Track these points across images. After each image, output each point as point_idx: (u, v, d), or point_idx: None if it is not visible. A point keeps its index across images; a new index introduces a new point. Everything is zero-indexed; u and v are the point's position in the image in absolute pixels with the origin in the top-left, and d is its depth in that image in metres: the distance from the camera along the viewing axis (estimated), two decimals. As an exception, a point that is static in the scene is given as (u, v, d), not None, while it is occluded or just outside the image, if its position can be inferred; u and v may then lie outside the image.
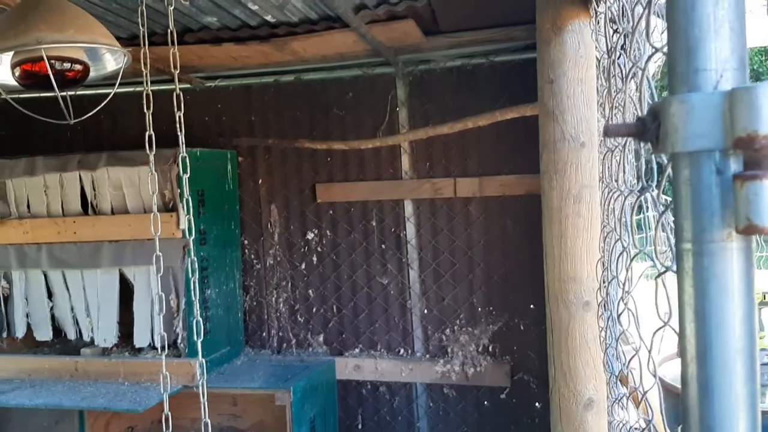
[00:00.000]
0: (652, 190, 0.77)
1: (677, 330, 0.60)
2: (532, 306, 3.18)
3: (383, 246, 3.42)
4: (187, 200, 1.87)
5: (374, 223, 3.42)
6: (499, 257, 3.26)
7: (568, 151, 1.78)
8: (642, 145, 0.65)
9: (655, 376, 0.91)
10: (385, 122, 3.33)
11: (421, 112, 3.29)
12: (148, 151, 1.85)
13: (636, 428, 1.27)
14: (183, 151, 1.78)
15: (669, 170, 0.59)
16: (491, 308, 3.29)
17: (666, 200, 0.67)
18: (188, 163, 1.99)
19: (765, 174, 0.49)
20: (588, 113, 1.79)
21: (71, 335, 3.28)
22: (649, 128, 0.57)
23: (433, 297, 3.38)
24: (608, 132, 0.59)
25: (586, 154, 1.78)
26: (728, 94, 0.51)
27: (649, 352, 0.87)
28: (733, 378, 0.57)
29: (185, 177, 1.82)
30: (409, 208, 3.38)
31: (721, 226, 0.54)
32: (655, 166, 0.80)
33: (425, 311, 3.39)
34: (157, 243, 1.81)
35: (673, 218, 0.59)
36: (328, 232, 3.47)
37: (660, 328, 0.82)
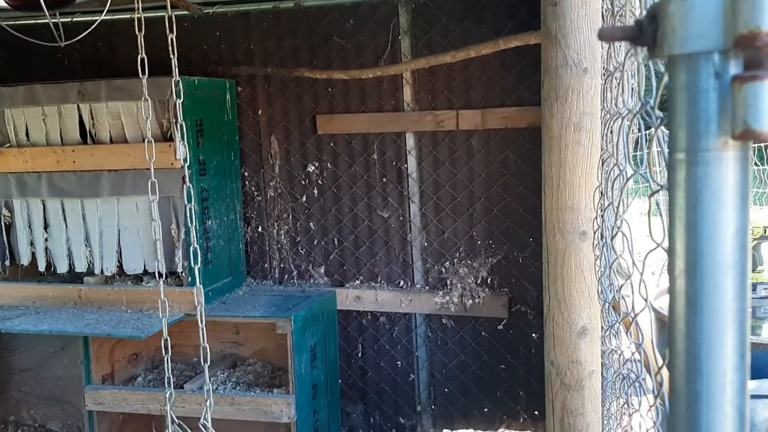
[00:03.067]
0: (650, 107, 0.74)
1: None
2: (531, 239, 3.18)
3: (384, 179, 3.40)
4: (181, 126, 1.84)
5: (375, 156, 3.38)
6: (499, 191, 3.24)
7: (570, 77, 1.73)
8: (641, 60, 0.62)
9: (645, 299, 0.91)
10: (386, 52, 3.25)
11: (424, 42, 3.21)
12: (141, 76, 1.80)
13: (628, 358, 1.28)
14: (176, 74, 1.74)
15: (666, 78, 0.56)
16: (491, 241, 3.29)
17: (662, 115, 0.64)
18: (183, 89, 1.95)
19: (766, 74, 0.46)
20: (592, 37, 1.73)
21: (63, 268, 3.29)
22: (646, 31, 0.54)
23: (434, 230, 3.38)
24: (602, 36, 0.56)
25: (588, 81, 1.73)
26: (732, -9, 0.48)
27: (641, 274, 0.86)
28: (722, 293, 0.55)
29: (179, 102, 1.79)
30: (410, 141, 3.34)
31: (717, 134, 0.51)
32: (654, 83, 0.77)
33: (425, 244, 3.40)
34: (152, 169, 1.79)
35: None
36: (329, 164, 3.45)
37: (652, 249, 0.80)
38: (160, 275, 2.00)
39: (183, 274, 3.10)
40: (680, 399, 0.57)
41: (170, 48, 1.87)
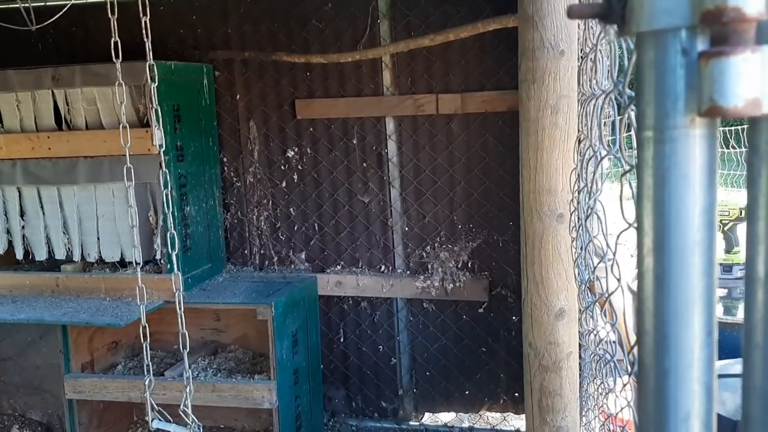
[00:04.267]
0: (622, 86, 0.74)
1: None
2: (510, 223, 3.19)
3: (364, 164, 3.39)
4: (157, 111, 1.81)
5: (355, 141, 3.37)
6: (479, 175, 3.25)
7: (547, 59, 1.73)
8: (612, 37, 0.61)
9: (618, 279, 0.91)
10: (365, 35, 3.23)
11: (403, 25, 3.20)
12: (114, 59, 1.77)
13: (603, 338, 1.29)
14: (150, 58, 1.71)
15: (635, 57, 0.56)
16: (471, 225, 3.30)
17: (633, 94, 0.64)
18: (159, 74, 1.92)
19: (732, 50, 0.46)
20: (568, 19, 1.72)
21: (41, 256, 3.26)
22: (615, 9, 0.53)
23: (414, 215, 3.38)
24: (572, 13, 0.56)
25: (565, 63, 1.73)
26: (698, -34, 0.48)
27: (614, 254, 0.86)
28: (690, 270, 0.55)
29: (154, 86, 1.76)
30: (390, 125, 3.33)
31: (684, 111, 0.51)
32: (626, 62, 0.77)
33: (406, 229, 3.40)
34: (127, 154, 1.77)
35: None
36: (308, 149, 3.43)
37: (624, 229, 0.80)
38: (137, 262, 1.98)
39: (162, 261, 3.08)
40: (649, 376, 0.58)
41: (144, 31, 1.84)
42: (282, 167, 3.47)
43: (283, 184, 3.48)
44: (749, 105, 0.47)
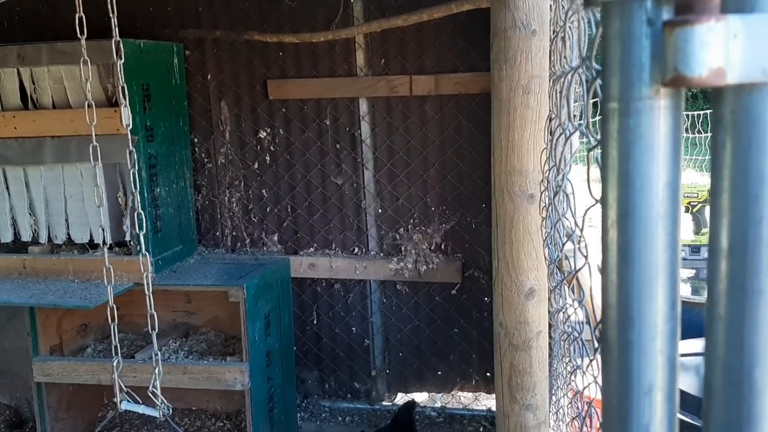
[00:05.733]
0: (589, 61, 0.74)
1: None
2: (483, 205, 3.20)
3: (338, 146, 3.36)
4: (123, 88, 1.77)
5: (328, 122, 3.34)
6: (453, 157, 3.24)
7: (519, 39, 1.73)
8: (579, 5, 0.61)
9: (585, 257, 0.92)
10: (339, 15, 3.19)
11: (377, 5, 3.16)
12: (79, 35, 1.73)
13: (570, 315, 1.30)
14: (116, 34, 1.67)
15: (601, 28, 0.55)
16: (444, 207, 3.30)
17: (599, 68, 0.63)
18: (127, 52, 1.88)
19: (697, 19, 0.45)
20: (540, -1, 1.72)
21: (7, 237, 3.19)
22: (582, -22, 0.53)
23: (388, 197, 3.37)
24: (539, -18, 0.55)
25: (537, 43, 1.73)
26: (664, -66, 0.47)
27: (581, 231, 0.86)
28: (654, 243, 0.55)
29: (120, 63, 1.72)
30: (363, 106, 3.31)
31: (649, 82, 0.51)
32: (597, 39, 0.77)
33: (380, 211, 3.39)
34: (93, 133, 1.73)
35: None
36: (281, 130, 3.40)
37: (591, 206, 0.80)
38: (105, 242, 1.95)
39: (131, 243, 3.04)
40: (612, 349, 0.58)
41: (110, 7, 1.80)
42: (254, 148, 3.43)
43: (255, 166, 3.45)
44: (713, 75, 0.47)
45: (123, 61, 1.78)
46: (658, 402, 0.58)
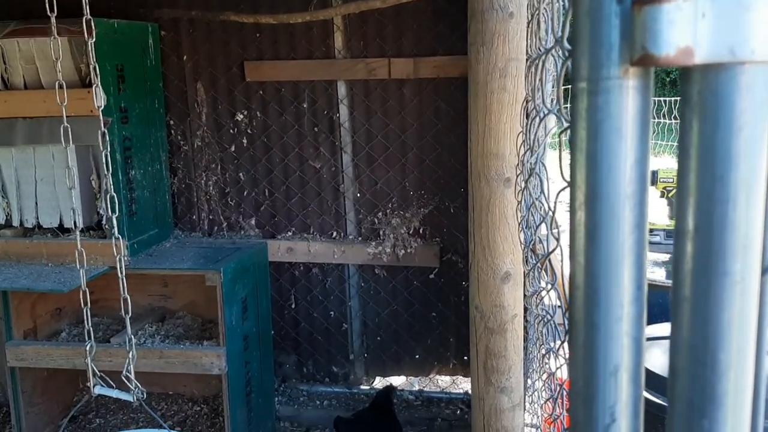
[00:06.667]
0: (563, 42, 0.73)
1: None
2: (462, 189, 3.20)
3: (316, 129, 3.34)
4: (95, 68, 1.74)
5: (306, 105, 3.32)
6: (431, 141, 3.24)
7: (496, 21, 1.72)
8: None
9: (558, 239, 0.92)
10: (317, -4, 3.16)
11: (356, -13, 3.13)
12: (49, 13, 1.69)
13: (543, 298, 1.31)
14: (87, 11, 1.63)
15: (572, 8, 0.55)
16: (423, 192, 3.30)
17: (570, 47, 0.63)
18: (99, 31, 1.84)
19: (664, -3, 0.45)
20: (517, -20, 1.71)
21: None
22: (552, -45, 0.52)
23: (366, 181, 3.36)
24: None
25: (514, 25, 1.72)
26: None
27: (553, 213, 0.86)
28: (621, 224, 0.55)
29: (91, 41, 1.69)
30: (342, 89, 3.28)
31: (618, 61, 0.50)
32: (569, 19, 0.76)
33: (358, 195, 3.38)
34: (64, 113, 1.70)
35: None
36: (258, 113, 3.36)
37: (563, 188, 0.80)
38: (77, 225, 1.92)
39: (106, 226, 3.00)
40: (579, 331, 0.58)
41: (80, -16, 1.76)
42: (231, 131, 3.40)
43: (232, 149, 3.42)
44: (681, 54, 0.46)
45: (94, 40, 1.74)
46: (624, 383, 0.58)
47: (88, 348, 1.88)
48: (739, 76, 0.46)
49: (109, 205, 1.84)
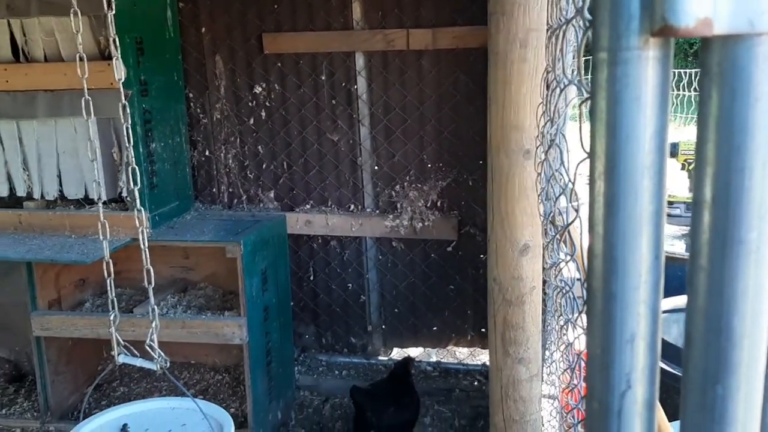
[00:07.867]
0: (584, 12, 0.73)
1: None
2: (480, 161, 3.19)
3: (333, 101, 3.34)
4: (115, 40, 1.75)
5: (324, 77, 3.31)
6: (450, 113, 3.22)
7: (516, -10, 1.70)
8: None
9: (577, 210, 0.92)
10: (334, -33, 3.13)
11: (374, -43, 3.10)
12: (69, -14, 1.70)
13: (562, 269, 1.31)
14: (106, -16, 1.64)
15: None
16: (441, 164, 3.29)
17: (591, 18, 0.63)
18: (118, 4, 1.85)
19: (685, -34, 0.45)
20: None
21: (2, 192, 3.19)
22: (573, -76, 0.52)
23: (384, 153, 3.36)
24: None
25: (534, -5, 1.70)
26: None
27: (573, 185, 0.86)
28: (639, 194, 0.56)
29: (111, 14, 1.70)
30: (360, 61, 3.27)
31: (638, 32, 0.51)
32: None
33: (375, 168, 3.39)
34: (85, 86, 1.72)
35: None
36: (276, 86, 3.36)
37: (583, 159, 0.80)
38: (99, 197, 1.95)
39: (127, 199, 3.04)
40: (597, 299, 0.58)
41: (100, -44, 1.76)
42: (249, 104, 3.41)
43: (251, 122, 3.43)
44: (700, 25, 0.46)
45: (114, 12, 1.75)
46: (640, 351, 0.59)
47: (112, 318, 1.93)
48: (756, 47, 0.46)
49: (130, 178, 1.87)
